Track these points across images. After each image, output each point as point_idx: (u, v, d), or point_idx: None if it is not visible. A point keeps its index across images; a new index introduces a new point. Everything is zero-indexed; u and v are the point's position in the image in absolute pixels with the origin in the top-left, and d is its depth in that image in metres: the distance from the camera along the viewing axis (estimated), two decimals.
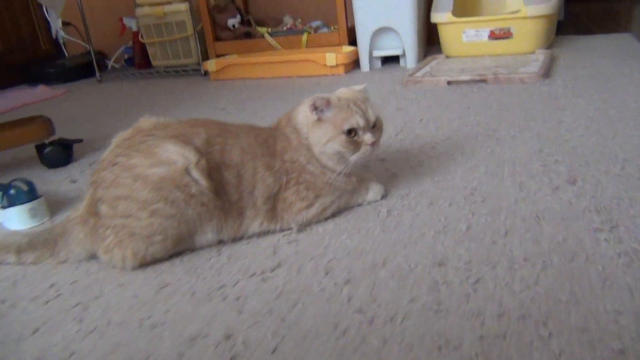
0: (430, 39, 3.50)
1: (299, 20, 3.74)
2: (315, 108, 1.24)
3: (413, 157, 1.67)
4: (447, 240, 1.14)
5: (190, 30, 3.63)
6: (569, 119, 1.87)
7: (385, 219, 1.29)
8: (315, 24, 3.66)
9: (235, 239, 1.26)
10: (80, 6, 3.76)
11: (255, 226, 1.26)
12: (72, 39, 4.58)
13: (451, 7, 3.02)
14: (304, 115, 1.28)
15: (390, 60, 3.31)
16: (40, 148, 2.03)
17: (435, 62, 3.01)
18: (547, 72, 2.52)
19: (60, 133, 2.09)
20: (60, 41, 4.76)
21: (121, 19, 4.01)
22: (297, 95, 2.73)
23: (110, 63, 4.33)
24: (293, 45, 3.48)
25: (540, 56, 2.83)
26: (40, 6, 4.50)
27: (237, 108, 2.64)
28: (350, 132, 1.23)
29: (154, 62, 3.89)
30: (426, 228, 1.21)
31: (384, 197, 1.40)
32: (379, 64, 3.27)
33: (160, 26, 3.70)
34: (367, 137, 1.24)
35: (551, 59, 2.78)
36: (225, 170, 1.22)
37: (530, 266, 1.00)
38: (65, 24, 4.60)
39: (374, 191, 1.40)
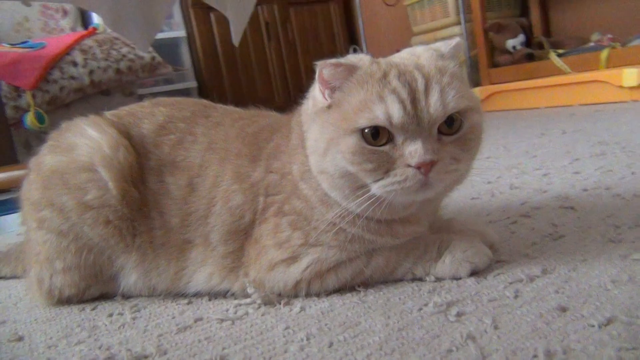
0: None
1: (608, 36, 2.76)
2: (325, 82, 0.63)
3: (628, 210, 0.79)
4: None
5: (462, 56, 3.10)
6: None
7: (428, 316, 0.55)
8: (636, 37, 2.62)
9: (171, 294, 0.74)
10: (364, 42, 3.71)
11: (200, 278, 0.71)
12: None
13: None
14: (311, 96, 0.68)
15: None
16: None
17: None
18: None
19: None
20: None
21: (398, 51, 3.78)
22: (559, 130, 1.90)
23: None
24: (588, 65, 2.54)
25: None
26: (280, 67, 4.39)
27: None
28: (377, 133, 0.58)
29: None
30: None
31: (476, 271, 0.65)
32: None
33: None
34: (412, 150, 0.56)
35: None
36: (169, 174, 0.73)
37: None
38: None
39: (458, 258, 0.65)
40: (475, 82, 3.07)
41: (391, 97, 0.57)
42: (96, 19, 3.21)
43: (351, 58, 0.64)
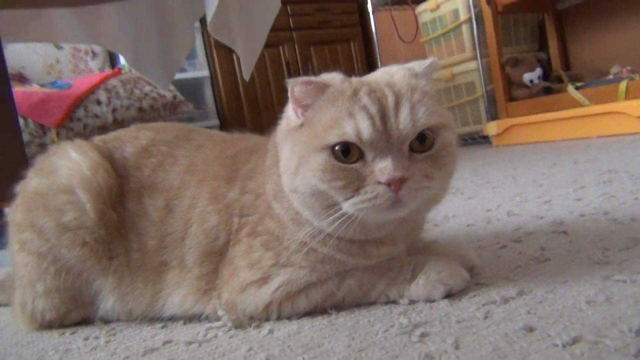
0: None
1: (627, 68, 2.71)
2: (297, 101, 0.64)
3: (622, 234, 0.75)
4: None
5: (479, 91, 3.10)
6: None
7: (392, 337, 0.53)
8: None
9: (148, 317, 0.73)
10: None
11: (175, 300, 0.71)
12: None
13: None
14: (285, 115, 0.68)
15: None
16: None
17: None
18: None
19: None
20: None
21: None
22: (572, 161, 1.86)
23: None
24: (606, 97, 2.49)
25: None
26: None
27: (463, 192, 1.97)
28: (347, 150, 0.58)
29: None
30: None
31: (452, 293, 0.62)
32: None
33: (450, 90, 3.30)
34: (381, 167, 0.56)
35: None
36: (147, 196, 0.74)
37: None
38: None
39: (432, 280, 0.63)
40: (493, 116, 3.05)
41: (361, 113, 0.57)
42: (122, 60, 3.34)
43: (323, 76, 0.65)
